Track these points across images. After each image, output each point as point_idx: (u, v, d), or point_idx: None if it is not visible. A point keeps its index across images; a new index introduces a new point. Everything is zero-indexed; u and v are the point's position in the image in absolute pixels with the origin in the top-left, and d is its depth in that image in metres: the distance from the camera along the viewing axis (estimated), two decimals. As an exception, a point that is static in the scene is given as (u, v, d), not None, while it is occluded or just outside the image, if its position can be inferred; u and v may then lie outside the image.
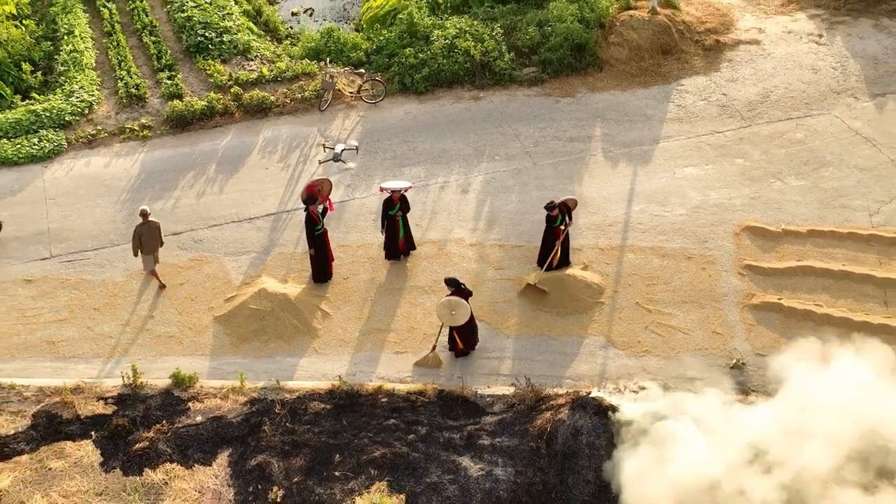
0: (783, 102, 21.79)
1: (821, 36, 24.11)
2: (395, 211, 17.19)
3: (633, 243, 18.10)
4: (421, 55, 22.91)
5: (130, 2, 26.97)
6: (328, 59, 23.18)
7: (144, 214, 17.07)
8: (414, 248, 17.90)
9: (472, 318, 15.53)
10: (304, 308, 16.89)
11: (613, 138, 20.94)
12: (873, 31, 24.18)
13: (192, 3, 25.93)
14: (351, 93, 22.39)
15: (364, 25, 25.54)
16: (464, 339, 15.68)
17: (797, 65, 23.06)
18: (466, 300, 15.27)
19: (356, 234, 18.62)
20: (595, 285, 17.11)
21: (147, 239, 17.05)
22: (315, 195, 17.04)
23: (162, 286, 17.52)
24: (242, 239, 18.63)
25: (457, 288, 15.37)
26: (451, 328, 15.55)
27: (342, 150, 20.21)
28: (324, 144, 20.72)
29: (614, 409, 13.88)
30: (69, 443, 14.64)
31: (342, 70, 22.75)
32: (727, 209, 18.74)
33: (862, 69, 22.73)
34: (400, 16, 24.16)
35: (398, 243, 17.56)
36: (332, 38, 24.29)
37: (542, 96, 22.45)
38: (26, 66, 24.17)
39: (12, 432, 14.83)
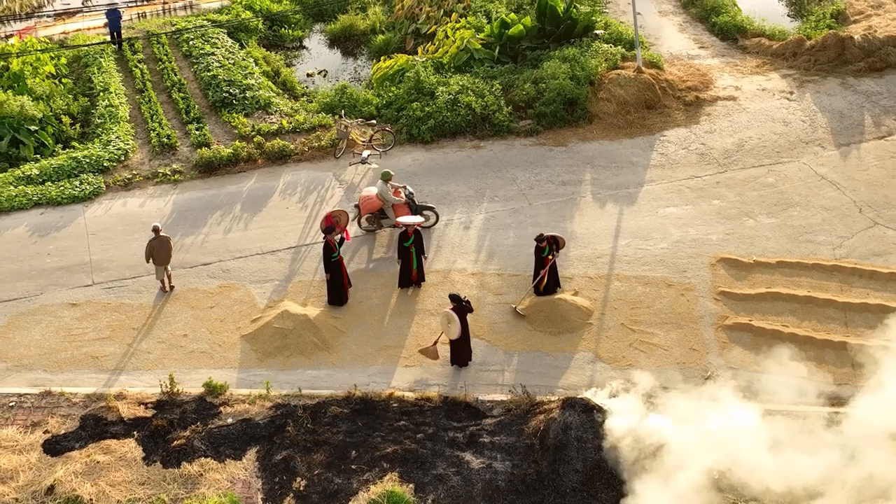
0: (756, 151, 23.99)
1: (792, 93, 26.46)
2: (409, 243, 19.19)
3: (619, 273, 20.06)
4: (427, 109, 25.23)
5: (160, 62, 29.47)
6: (343, 112, 25.46)
7: (156, 230, 19.33)
8: (423, 279, 19.82)
9: (465, 337, 17.43)
10: (322, 327, 18.77)
11: (602, 182, 23.07)
12: (840, 88, 26.52)
13: (216, 64, 28.44)
14: (363, 142, 24.63)
15: (374, 83, 27.94)
16: (454, 351, 17.57)
17: (770, 118, 25.34)
18: (466, 315, 17.18)
19: (370, 264, 20.58)
20: (584, 308, 19.02)
21: (158, 251, 19.27)
22: (333, 226, 19.10)
23: (168, 289, 19.77)
24: (266, 269, 20.60)
25: (458, 303, 17.30)
26: (450, 340, 17.45)
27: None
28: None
29: (600, 408, 15.64)
30: (114, 441, 16.33)
31: (355, 121, 25.03)
32: (704, 243, 20.74)
33: (829, 122, 24.99)
34: (408, 74, 26.58)
35: (411, 273, 19.52)
36: (345, 94, 26.67)
37: (537, 145, 24.68)
38: (66, 119, 26.51)
39: (63, 432, 16.57)
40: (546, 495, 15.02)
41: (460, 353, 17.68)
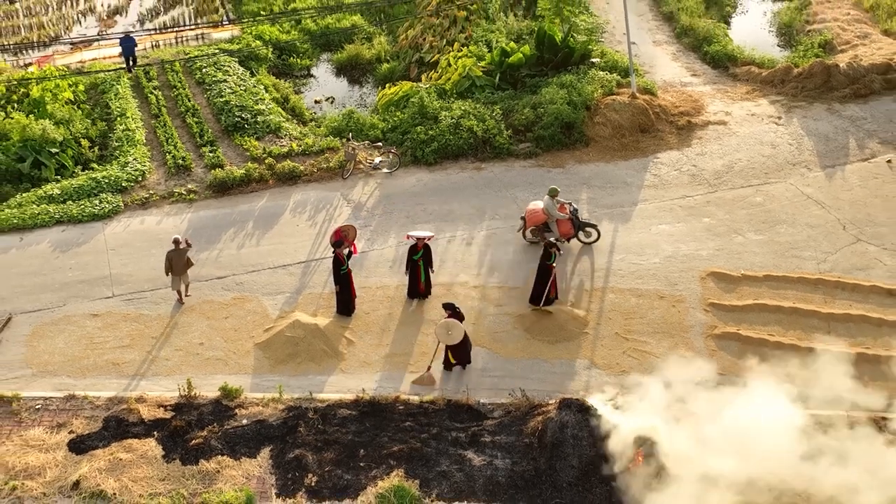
0: (745, 172, 25.11)
1: (780, 118, 27.63)
2: (418, 256, 20.25)
3: (614, 285, 21.08)
4: (430, 132, 26.41)
5: (174, 89, 30.72)
6: (350, 135, 26.62)
7: (176, 242, 20.42)
8: (430, 292, 20.84)
9: (465, 338, 18.42)
10: (331, 336, 19.77)
11: (598, 201, 24.16)
12: (826, 113, 27.69)
13: (229, 90, 29.68)
14: (370, 163, 25.77)
15: (380, 109, 29.15)
16: (457, 355, 18.54)
17: (758, 141, 26.48)
18: (461, 322, 18.20)
19: (376, 277, 21.63)
20: (580, 318, 20.03)
21: (176, 262, 20.36)
22: (342, 240, 20.17)
23: (181, 301, 20.82)
24: (277, 282, 21.64)
25: (453, 311, 18.33)
26: (447, 346, 18.43)
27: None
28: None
29: (594, 408, 16.59)
30: (135, 440, 17.29)
31: (362, 144, 26.19)
32: (695, 258, 21.78)
33: (815, 145, 26.12)
34: (412, 100, 27.80)
35: (419, 285, 20.55)
36: (352, 119, 27.87)
37: (535, 167, 25.82)
38: (85, 143, 27.70)
39: (87, 432, 17.52)
40: (543, 489, 15.92)
41: (460, 356, 18.64)
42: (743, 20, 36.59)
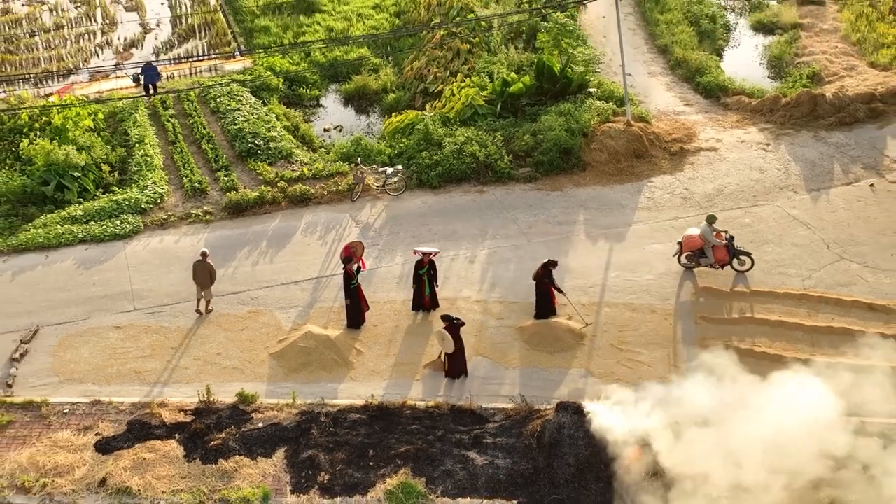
0: (735, 195, 26.36)
1: (768, 144, 28.95)
2: (423, 271, 21.47)
3: (609, 300, 22.24)
4: (435, 157, 27.75)
5: (190, 117, 32.15)
6: (359, 159, 27.95)
7: (204, 255, 21.81)
8: (437, 305, 22.02)
9: (460, 352, 19.63)
10: (342, 346, 20.93)
11: (594, 222, 25.40)
12: (812, 140, 29.01)
13: (242, 118, 31.10)
14: (377, 187, 27.06)
15: (387, 136, 30.52)
16: (450, 364, 19.72)
17: (748, 166, 27.78)
18: (459, 330, 19.46)
19: (383, 292, 22.82)
20: (577, 330, 21.17)
21: (198, 273, 21.64)
22: (351, 256, 21.39)
23: (202, 312, 22.01)
24: (290, 297, 22.83)
25: (449, 322, 19.52)
26: (446, 355, 19.60)
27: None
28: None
29: (588, 411, 17.68)
30: (158, 442, 18.38)
31: (370, 168, 27.50)
32: (687, 275, 22.95)
33: (801, 170, 27.39)
34: (418, 127, 29.18)
35: (424, 298, 21.74)
36: (360, 145, 29.23)
37: (535, 190, 27.10)
38: (105, 167, 29.05)
39: (112, 435, 18.63)
40: (542, 486, 16.98)
41: (455, 366, 19.79)
42: (735, 53, 38.02)
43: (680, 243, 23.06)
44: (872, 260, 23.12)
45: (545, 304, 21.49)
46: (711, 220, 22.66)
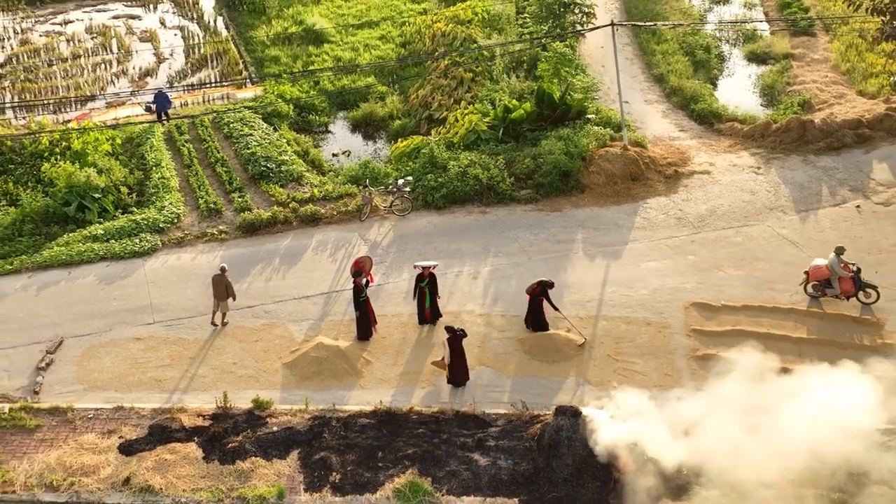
0: (727, 216, 27.54)
1: (759, 168, 30.18)
2: (424, 283, 22.63)
3: (606, 314, 23.36)
4: (440, 180, 29.00)
5: (204, 142, 33.49)
6: (368, 181, 29.21)
7: (223, 269, 23.07)
8: (440, 315, 23.14)
9: (461, 361, 20.74)
10: (351, 357, 22.03)
11: (592, 241, 26.58)
12: (801, 164, 30.23)
13: (255, 143, 32.44)
14: (385, 207, 28.30)
15: (394, 159, 31.81)
16: (451, 371, 20.82)
17: (739, 189, 28.98)
18: (461, 341, 20.61)
19: (391, 307, 23.96)
20: (575, 343, 22.27)
21: (216, 287, 22.82)
22: (360, 270, 22.57)
23: (217, 324, 23.13)
24: (302, 310, 23.97)
25: (452, 333, 20.64)
26: (448, 364, 20.75)
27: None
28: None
29: (585, 414, 18.73)
30: (178, 444, 19.44)
31: (378, 189, 28.77)
32: (680, 291, 24.07)
33: (791, 192, 28.59)
34: (423, 151, 30.49)
35: (425, 310, 22.88)
36: (368, 168, 30.52)
37: (535, 211, 28.33)
38: (124, 189, 30.32)
39: (135, 437, 19.71)
40: (541, 485, 18.01)
41: (456, 374, 20.89)
42: (729, 82, 39.32)
43: (807, 273, 23.30)
44: (857, 276, 24.23)
45: (541, 319, 22.56)
46: (840, 251, 22.97)
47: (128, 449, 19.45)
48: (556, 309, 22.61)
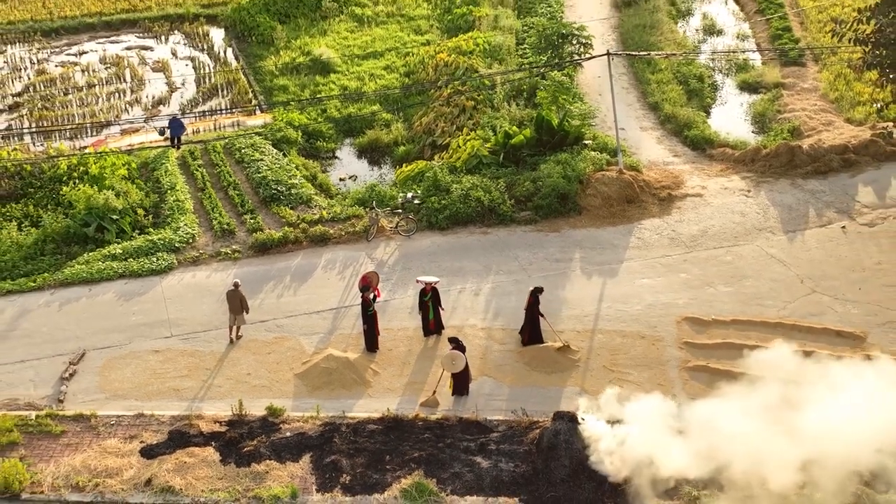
0: (718, 236, 28.79)
1: (749, 191, 31.47)
2: (427, 298, 23.85)
3: (602, 328, 24.54)
4: (443, 202, 30.31)
5: (216, 167, 34.85)
6: (374, 203, 30.52)
7: (236, 285, 24.27)
8: (443, 328, 24.34)
9: (466, 369, 21.85)
10: (360, 367, 23.20)
11: (589, 259, 27.82)
12: (790, 187, 31.51)
13: (265, 167, 33.80)
14: (391, 228, 29.59)
15: (399, 183, 33.15)
16: (457, 382, 21.93)
17: (730, 210, 30.26)
18: (463, 352, 21.68)
19: (397, 321, 25.17)
20: (571, 353, 23.43)
21: (231, 301, 24.04)
22: (368, 285, 23.81)
23: (233, 339, 24.24)
24: (312, 325, 25.17)
25: (456, 344, 21.82)
26: (452, 374, 21.83)
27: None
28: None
29: (582, 419, 19.86)
30: (196, 448, 20.59)
31: (384, 211, 30.08)
32: (672, 306, 25.26)
33: (779, 214, 29.85)
34: (427, 175, 31.83)
35: (429, 323, 24.07)
36: (374, 191, 31.86)
37: (534, 232, 29.60)
38: (140, 211, 31.63)
39: (155, 442, 20.85)
40: (540, 485, 19.12)
41: (460, 384, 22.02)
42: (722, 110, 40.70)
43: None
44: (842, 293, 25.42)
45: (536, 331, 23.74)
46: None
47: (149, 452, 20.57)
48: (541, 316, 23.64)
